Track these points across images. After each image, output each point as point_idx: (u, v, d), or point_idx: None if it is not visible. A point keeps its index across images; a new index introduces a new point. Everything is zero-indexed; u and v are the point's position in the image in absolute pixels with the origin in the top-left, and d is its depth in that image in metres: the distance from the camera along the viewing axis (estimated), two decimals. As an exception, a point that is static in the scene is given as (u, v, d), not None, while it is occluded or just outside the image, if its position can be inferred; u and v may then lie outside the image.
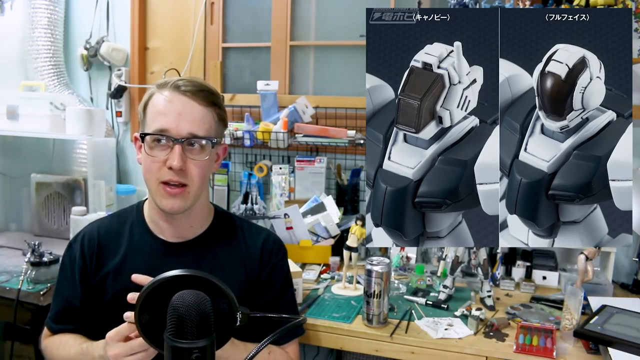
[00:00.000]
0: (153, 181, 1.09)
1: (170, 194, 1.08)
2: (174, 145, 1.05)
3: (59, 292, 1.22)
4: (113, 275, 1.16)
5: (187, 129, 1.06)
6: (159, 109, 1.07)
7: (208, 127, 1.09)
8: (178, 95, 1.07)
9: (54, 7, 2.32)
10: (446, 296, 1.57)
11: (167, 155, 1.06)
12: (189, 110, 1.07)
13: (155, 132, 1.06)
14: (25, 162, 2.41)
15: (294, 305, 1.30)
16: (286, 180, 2.11)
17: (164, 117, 1.06)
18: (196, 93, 1.08)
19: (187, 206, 1.11)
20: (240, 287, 1.17)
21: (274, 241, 1.26)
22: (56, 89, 2.31)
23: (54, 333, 1.20)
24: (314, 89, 2.29)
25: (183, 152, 1.06)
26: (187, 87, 1.07)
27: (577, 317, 1.31)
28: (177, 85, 1.08)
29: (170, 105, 1.06)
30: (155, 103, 1.08)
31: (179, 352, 0.64)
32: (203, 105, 1.08)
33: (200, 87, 1.09)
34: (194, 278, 0.70)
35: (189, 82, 1.09)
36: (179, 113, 1.06)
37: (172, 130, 1.05)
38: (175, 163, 1.04)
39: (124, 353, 0.92)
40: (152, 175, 1.08)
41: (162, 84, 1.10)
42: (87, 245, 1.19)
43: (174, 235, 1.17)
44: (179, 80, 1.09)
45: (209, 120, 1.09)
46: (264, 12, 2.30)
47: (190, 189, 1.09)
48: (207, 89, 1.10)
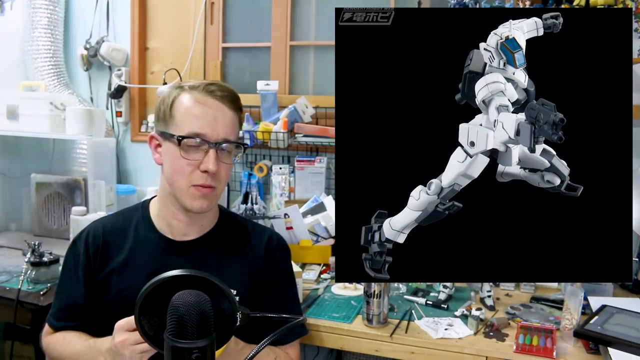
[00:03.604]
0: (184, 183, 1.10)
1: (203, 193, 1.10)
2: (209, 149, 1.07)
3: (62, 289, 1.22)
4: (117, 272, 1.16)
5: (222, 134, 1.08)
6: (192, 112, 1.08)
7: (237, 131, 1.14)
8: (212, 100, 1.09)
9: (54, 7, 2.32)
10: (446, 296, 1.57)
11: (202, 159, 1.08)
12: (222, 115, 1.09)
13: (193, 135, 1.07)
14: (25, 162, 2.41)
15: (297, 305, 1.31)
16: (286, 180, 2.11)
17: (200, 121, 1.07)
18: (227, 98, 1.10)
19: (213, 206, 1.16)
20: (244, 286, 1.17)
21: (278, 240, 1.28)
22: (56, 89, 2.31)
23: (56, 330, 1.20)
24: (314, 89, 2.29)
25: (217, 154, 1.08)
26: (219, 91, 1.10)
27: (577, 317, 1.31)
28: (210, 90, 1.09)
29: (206, 110, 1.08)
30: (185, 105, 1.09)
31: (179, 352, 0.64)
32: (232, 109, 1.11)
33: (230, 92, 1.12)
34: (194, 278, 0.70)
35: (220, 86, 1.11)
36: (214, 118, 1.08)
37: (209, 134, 1.07)
38: (211, 167, 1.07)
39: (131, 341, 0.93)
40: (183, 177, 1.09)
41: (192, 86, 1.10)
42: (92, 242, 1.19)
43: (181, 234, 1.18)
44: (210, 84, 1.10)
45: (237, 124, 1.14)
46: (264, 12, 2.30)
47: (217, 190, 1.13)
48: (234, 93, 1.13)
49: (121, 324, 0.95)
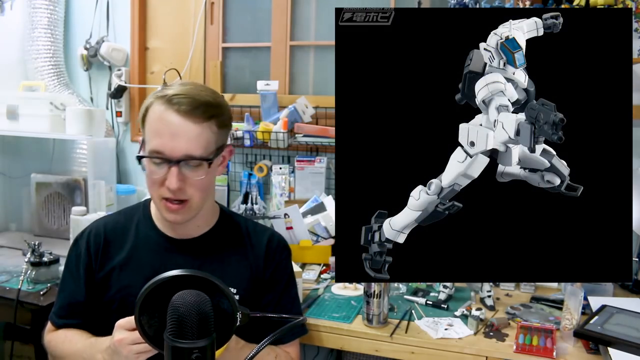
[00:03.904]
0: (155, 196, 1.10)
1: (171, 209, 1.08)
2: (170, 167, 1.04)
3: (64, 287, 1.22)
4: (118, 270, 1.16)
5: (182, 150, 1.03)
6: (153, 128, 1.04)
7: (205, 144, 1.05)
8: (172, 115, 1.02)
9: (54, 7, 2.32)
10: (446, 296, 1.57)
11: (165, 175, 1.04)
12: (184, 130, 1.02)
13: (151, 155, 1.04)
14: (25, 162, 2.41)
15: (298, 304, 1.31)
16: (286, 180, 2.11)
17: (159, 138, 1.03)
18: (191, 111, 1.02)
19: (190, 217, 1.12)
20: (244, 285, 1.17)
21: (279, 240, 1.27)
22: (56, 89, 2.31)
23: (58, 328, 1.21)
24: (314, 89, 2.29)
25: (180, 171, 1.04)
26: (182, 104, 1.02)
27: (577, 317, 1.31)
28: (171, 100, 1.03)
29: (163, 126, 1.03)
30: (151, 119, 1.05)
31: (179, 352, 0.64)
32: (199, 122, 1.03)
33: (196, 104, 1.03)
34: (194, 278, 0.70)
35: (185, 96, 1.03)
36: (172, 134, 1.02)
37: (167, 152, 1.03)
38: (172, 186, 1.03)
39: (129, 341, 0.93)
40: (154, 190, 1.09)
41: (160, 96, 1.05)
42: (93, 240, 1.20)
43: (180, 234, 1.18)
44: (175, 95, 1.03)
45: (205, 136, 1.05)
46: (264, 12, 2.30)
47: (191, 203, 1.09)
48: (204, 103, 1.04)
49: (121, 322, 0.96)
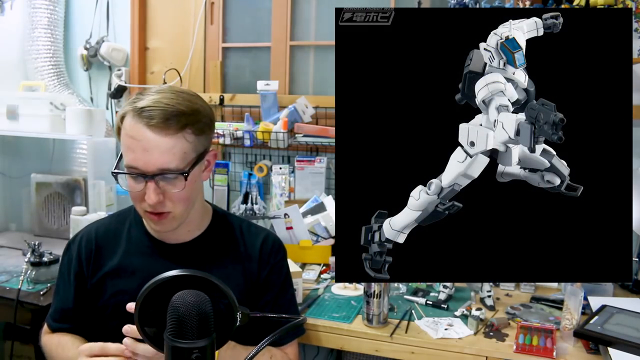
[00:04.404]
0: (139, 208, 1.09)
1: (154, 220, 1.07)
2: (146, 181, 1.01)
3: (57, 291, 1.23)
4: (111, 276, 1.16)
5: (156, 165, 0.99)
6: (126, 143, 1.01)
7: (180, 156, 1.01)
8: (142, 129, 0.98)
9: (54, 7, 2.32)
10: (446, 296, 1.57)
11: (144, 189, 1.02)
12: (156, 144, 0.98)
13: (127, 170, 1.02)
14: (25, 162, 2.41)
15: (294, 306, 1.29)
16: (286, 180, 2.11)
17: (132, 154, 1.00)
18: (162, 124, 0.98)
19: (175, 227, 1.10)
20: (239, 288, 1.16)
21: (273, 241, 1.26)
22: (56, 89, 2.31)
23: (52, 330, 1.21)
24: (314, 89, 2.29)
25: (157, 185, 1.01)
26: (152, 117, 0.98)
27: (577, 317, 1.31)
28: (141, 113, 0.98)
29: (134, 141, 0.99)
30: (123, 133, 1.02)
31: (179, 352, 0.64)
32: (171, 134, 0.99)
33: (167, 115, 0.98)
34: (193, 278, 0.70)
35: (155, 109, 0.98)
36: (144, 148, 0.99)
37: (141, 167, 1.00)
38: (150, 201, 1.02)
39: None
40: (136, 203, 1.08)
41: (131, 109, 1.00)
42: (85, 247, 1.19)
43: (171, 239, 1.17)
44: (145, 108, 0.98)
45: (180, 147, 1.00)
46: (264, 12, 2.30)
47: (173, 214, 1.07)
48: (175, 113, 0.99)
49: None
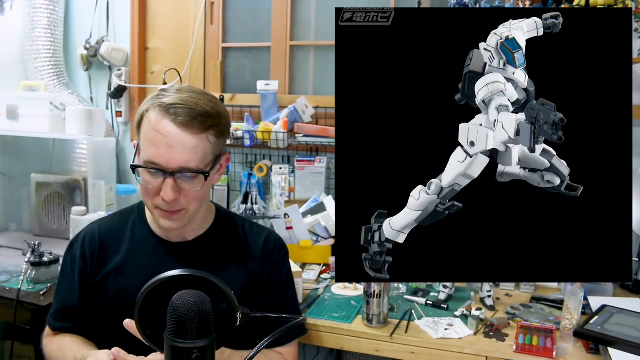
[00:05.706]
0: (150, 204, 1.09)
1: (166, 216, 1.08)
2: (165, 178, 1.02)
3: (59, 290, 1.22)
4: (114, 274, 1.16)
5: (179, 162, 1.01)
6: (149, 137, 1.02)
7: (202, 156, 1.03)
8: (168, 125, 1.00)
9: (54, 7, 2.32)
10: (446, 296, 1.57)
11: (161, 185, 1.03)
12: (180, 142, 1.00)
13: (146, 165, 1.03)
14: (25, 162, 2.41)
15: (296, 305, 1.30)
16: (286, 180, 2.11)
17: (155, 149, 1.01)
18: (189, 122, 1.00)
19: (185, 223, 1.11)
20: (241, 287, 1.17)
21: (275, 241, 1.26)
22: (56, 89, 2.31)
23: (54, 330, 1.21)
24: (314, 89, 2.29)
25: (175, 183, 1.03)
26: (179, 115, 1.00)
27: (577, 317, 1.31)
28: (168, 109, 1.00)
29: (159, 136, 1.00)
30: (147, 127, 1.03)
31: (179, 352, 0.64)
32: (196, 133, 1.01)
33: (194, 114, 1.00)
34: (194, 278, 0.70)
35: (183, 106, 1.00)
36: (169, 145, 1.00)
37: (163, 163, 1.01)
38: (167, 198, 1.02)
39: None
40: (148, 199, 1.08)
41: (157, 104, 1.02)
42: (88, 245, 1.19)
43: (175, 237, 1.18)
44: (172, 105, 1.00)
45: (202, 147, 1.03)
46: (264, 12, 2.30)
47: (187, 212, 1.08)
48: (202, 113, 1.01)
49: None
